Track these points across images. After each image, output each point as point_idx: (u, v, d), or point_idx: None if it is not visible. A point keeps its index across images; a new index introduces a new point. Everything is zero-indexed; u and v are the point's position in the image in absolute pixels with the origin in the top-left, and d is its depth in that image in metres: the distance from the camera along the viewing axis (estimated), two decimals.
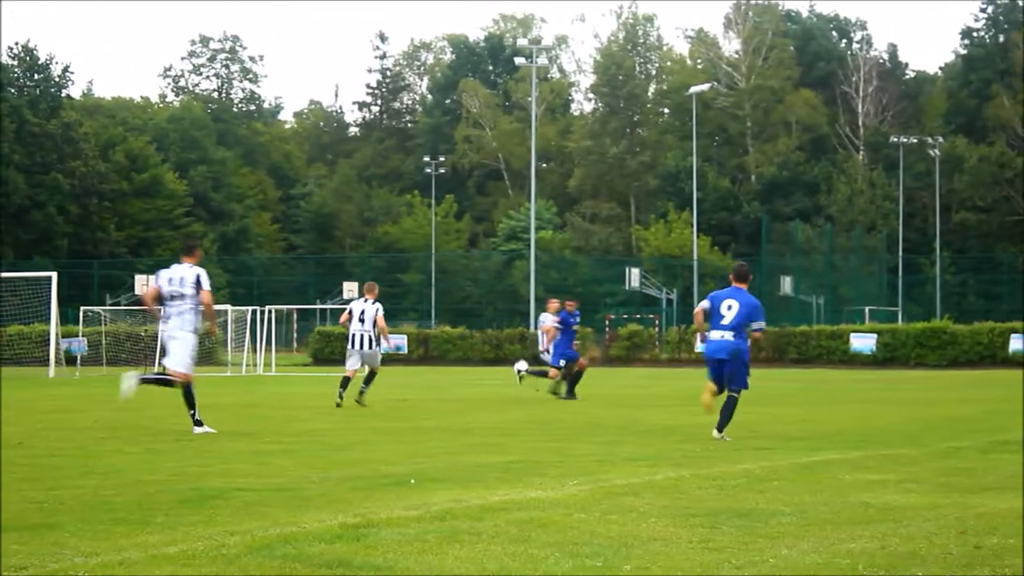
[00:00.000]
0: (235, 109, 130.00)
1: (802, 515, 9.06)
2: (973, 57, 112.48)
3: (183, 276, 16.85)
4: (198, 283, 16.78)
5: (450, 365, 59.95)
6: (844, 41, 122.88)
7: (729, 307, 16.10)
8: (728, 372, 16.08)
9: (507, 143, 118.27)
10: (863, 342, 55.15)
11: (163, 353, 17.18)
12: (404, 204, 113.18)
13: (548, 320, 27.89)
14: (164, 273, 17.07)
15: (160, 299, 17.01)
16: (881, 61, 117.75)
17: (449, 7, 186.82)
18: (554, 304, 28.04)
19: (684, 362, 53.91)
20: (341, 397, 23.49)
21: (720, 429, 15.80)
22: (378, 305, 23.90)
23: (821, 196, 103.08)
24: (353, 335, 23.97)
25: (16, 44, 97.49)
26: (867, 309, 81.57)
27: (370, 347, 23.89)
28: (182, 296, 16.80)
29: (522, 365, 28.70)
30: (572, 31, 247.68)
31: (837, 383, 36.85)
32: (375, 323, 23.81)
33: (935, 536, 8.16)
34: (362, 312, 23.87)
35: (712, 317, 16.22)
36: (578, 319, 27.60)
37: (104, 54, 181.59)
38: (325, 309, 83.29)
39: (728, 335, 16.01)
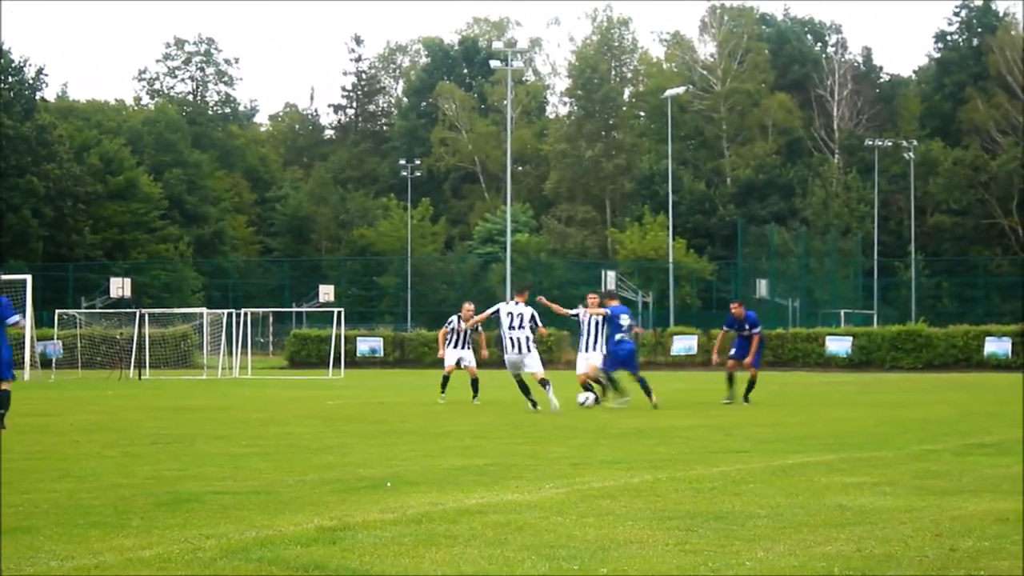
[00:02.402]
0: (210, 112, 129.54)
1: (778, 518, 9.09)
2: (947, 60, 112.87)
3: (520, 313, 22.72)
4: (533, 320, 22.77)
5: (426, 368, 59.87)
6: (819, 44, 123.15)
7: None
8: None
9: (483, 146, 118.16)
10: (838, 345, 55.26)
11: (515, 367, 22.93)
12: (380, 207, 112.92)
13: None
14: (503, 307, 23.12)
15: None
16: (856, 64, 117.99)
17: (424, 10, 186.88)
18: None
19: (660, 365, 53.92)
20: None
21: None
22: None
23: (796, 199, 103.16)
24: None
25: None
26: (842, 312, 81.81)
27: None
28: (521, 327, 22.62)
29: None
30: (547, 34, 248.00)
31: (813, 386, 36.91)
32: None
33: (910, 539, 8.18)
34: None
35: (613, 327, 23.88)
36: None
37: (78, 56, 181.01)
38: (301, 312, 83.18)
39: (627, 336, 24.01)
